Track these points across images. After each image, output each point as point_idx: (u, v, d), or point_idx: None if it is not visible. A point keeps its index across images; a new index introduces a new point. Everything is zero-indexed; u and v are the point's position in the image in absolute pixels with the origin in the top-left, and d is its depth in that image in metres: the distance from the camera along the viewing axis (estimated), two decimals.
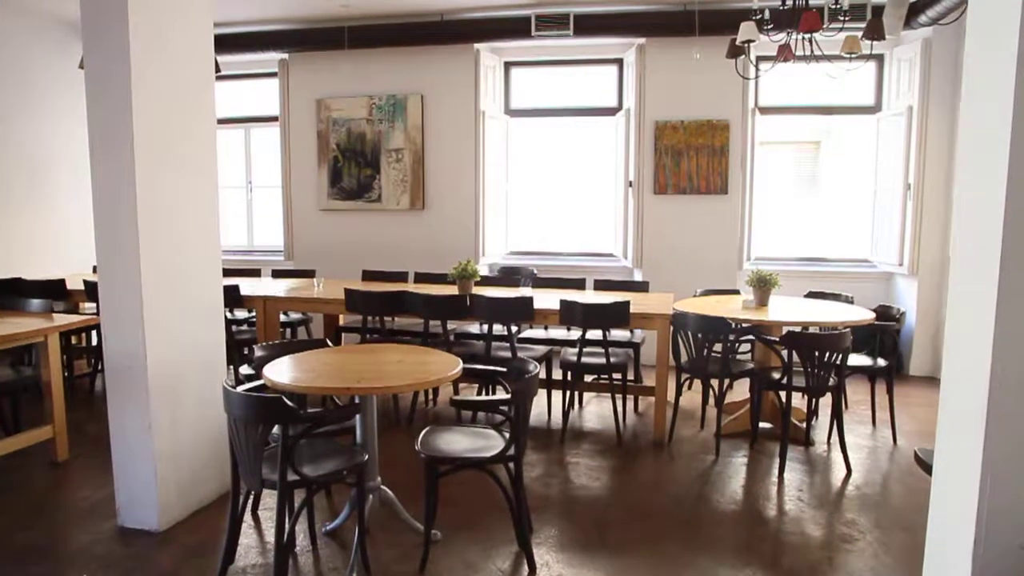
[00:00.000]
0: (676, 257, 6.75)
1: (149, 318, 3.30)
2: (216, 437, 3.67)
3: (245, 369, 3.37)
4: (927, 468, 2.03)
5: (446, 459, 2.97)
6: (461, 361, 3.12)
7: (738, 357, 4.96)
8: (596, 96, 7.31)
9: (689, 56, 6.40)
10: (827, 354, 4.09)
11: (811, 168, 9.83)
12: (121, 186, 3.23)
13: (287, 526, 2.78)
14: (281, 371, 3.00)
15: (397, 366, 3.10)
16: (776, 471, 4.26)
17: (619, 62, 7.11)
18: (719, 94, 6.56)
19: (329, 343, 3.62)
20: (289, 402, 2.62)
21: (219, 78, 7.84)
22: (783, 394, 4.32)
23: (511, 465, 3.05)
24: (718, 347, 4.52)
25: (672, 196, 6.73)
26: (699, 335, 4.48)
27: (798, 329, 4.82)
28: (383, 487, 3.26)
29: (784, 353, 4.26)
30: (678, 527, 3.54)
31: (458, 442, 3.13)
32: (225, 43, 7.08)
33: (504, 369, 3.35)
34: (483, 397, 3.05)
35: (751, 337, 4.86)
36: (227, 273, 6.70)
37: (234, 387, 2.82)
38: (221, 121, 8.08)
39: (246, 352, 5.34)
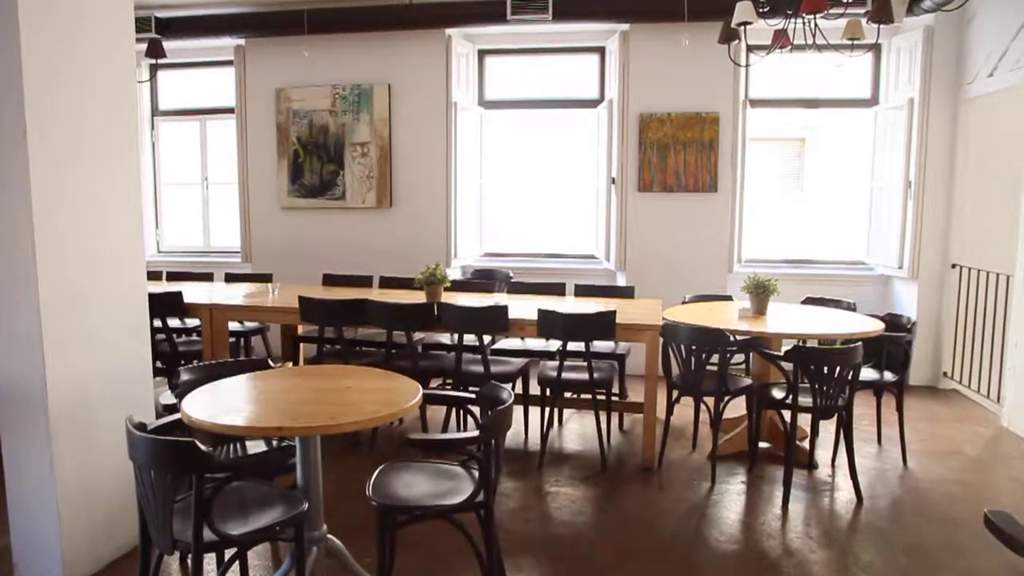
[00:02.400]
0: (662, 260, 6.30)
1: (50, 338, 2.77)
2: None
3: (167, 397, 2.86)
4: (1012, 543, 1.57)
5: (402, 508, 2.48)
6: (421, 388, 2.63)
7: (731, 370, 4.51)
8: (576, 87, 6.84)
9: (676, 44, 5.97)
10: (837, 371, 3.66)
11: (796, 166, 9.47)
12: (11, 183, 2.70)
13: None
14: (204, 402, 2.49)
15: (345, 395, 2.61)
16: (779, 501, 3.82)
17: (601, 50, 6.64)
18: (709, 85, 6.12)
19: (271, 363, 3.12)
20: (203, 445, 2.12)
21: (171, 66, 7.36)
22: (787, 414, 3.89)
23: (482, 511, 2.57)
24: (713, 358, 4.08)
25: (658, 194, 6.28)
26: (693, 349, 4.02)
27: (801, 342, 4.43)
28: (330, 536, 2.77)
29: (790, 370, 3.81)
30: (673, 574, 3.09)
31: (418, 484, 2.64)
32: (175, 27, 6.55)
33: (473, 395, 2.87)
34: (446, 435, 2.57)
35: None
36: (176, 277, 6.22)
37: (141, 425, 2.31)
38: (175, 113, 7.60)
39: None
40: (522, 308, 4.48)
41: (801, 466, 4.25)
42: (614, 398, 4.66)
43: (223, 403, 2.52)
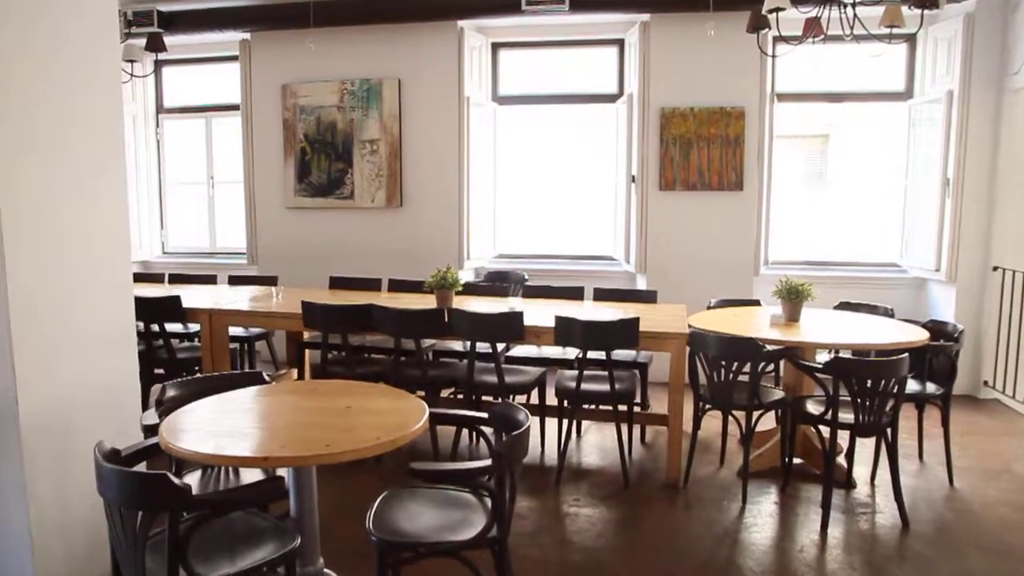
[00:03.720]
0: (684, 261, 6.00)
1: (22, 352, 2.53)
2: None
3: (151, 416, 2.61)
4: None
5: (406, 544, 2.22)
6: (428, 408, 2.36)
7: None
8: (594, 81, 6.55)
9: (700, 35, 5.66)
10: (882, 384, 3.36)
11: (819, 164, 9.13)
12: None
13: None
14: (186, 425, 2.24)
15: (344, 417, 2.34)
16: (816, 524, 3.53)
17: (620, 43, 6.35)
18: (734, 78, 5.81)
19: (267, 377, 2.87)
20: (176, 480, 1.86)
21: (176, 62, 7.15)
22: (824, 429, 3.60)
23: (496, 547, 2.30)
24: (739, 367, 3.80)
25: (680, 193, 5.98)
26: (723, 360, 3.73)
27: (833, 352, 4.13)
28: (327, 570, 2.51)
29: (829, 383, 3.51)
30: None
31: (424, 516, 2.38)
32: (178, 21, 6.33)
33: (485, 415, 2.60)
34: (454, 465, 2.31)
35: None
36: (178, 280, 5.99)
37: (113, 452, 2.07)
38: (179, 110, 7.38)
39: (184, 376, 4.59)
40: (538, 314, 4.21)
41: (838, 485, 3.94)
42: (636, 409, 4.38)
43: (207, 426, 2.27)
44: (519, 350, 4.86)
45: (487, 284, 5.65)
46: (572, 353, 4.62)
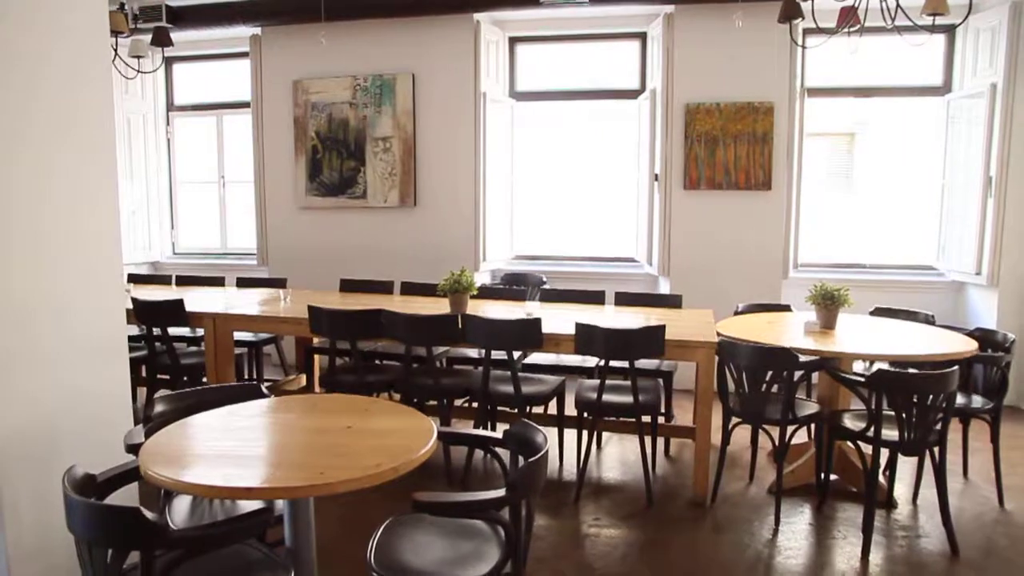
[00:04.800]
0: (709, 264, 5.74)
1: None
2: None
3: (138, 434, 2.40)
4: None
5: None
6: (435, 428, 2.14)
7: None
8: (616, 76, 6.31)
9: (726, 27, 5.39)
10: (930, 400, 3.10)
11: (845, 163, 8.82)
12: None
13: None
14: (170, 448, 2.04)
15: (343, 440, 2.13)
16: (856, 549, 3.27)
17: (642, 36, 6.11)
18: (762, 71, 5.54)
19: (265, 390, 2.67)
20: (150, 514, 1.66)
21: (186, 59, 6.99)
22: (864, 446, 3.34)
23: None
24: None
25: (705, 192, 5.72)
26: (756, 371, 3.48)
27: (868, 363, 3.88)
28: None
29: (871, 397, 3.25)
30: None
31: (431, 548, 2.16)
32: (187, 17, 6.16)
33: (499, 436, 2.37)
34: (463, 497, 2.08)
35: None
36: (186, 282, 5.83)
37: (87, 479, 1.87)
38: (190, 108, 7.24)
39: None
40: (557, 320, 3.98)
41: (878, 505, 3.66)
42: (660, 421, 4.14)
43: (192, 449, 2.07)
44: (537, 357, 4.64)
45: (503, 287, 5.43)
46: (592, 361, 4.39)
